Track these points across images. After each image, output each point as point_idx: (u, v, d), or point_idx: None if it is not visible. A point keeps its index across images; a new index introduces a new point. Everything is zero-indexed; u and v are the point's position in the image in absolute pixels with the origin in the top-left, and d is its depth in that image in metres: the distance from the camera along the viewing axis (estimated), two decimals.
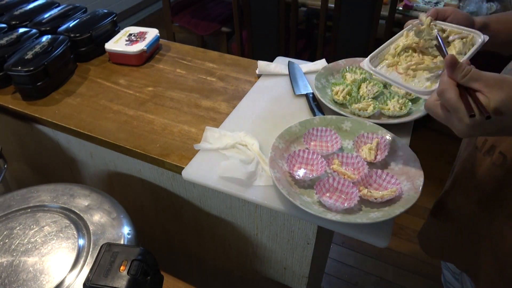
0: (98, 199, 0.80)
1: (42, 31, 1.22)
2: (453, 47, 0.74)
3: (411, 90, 0.71)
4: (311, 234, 0.83)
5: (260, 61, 1.14)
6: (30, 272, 0.66)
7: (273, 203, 0.75)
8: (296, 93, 1.03)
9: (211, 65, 1.21)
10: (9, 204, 0.79)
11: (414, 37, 0.77)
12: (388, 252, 1.78)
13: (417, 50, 0.77)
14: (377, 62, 0.79)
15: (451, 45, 0.75)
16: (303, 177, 0.76)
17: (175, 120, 0.99)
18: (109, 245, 0.65)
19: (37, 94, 1.08)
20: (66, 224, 0.74)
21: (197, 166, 0.83)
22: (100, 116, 1.01)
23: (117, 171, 1.05)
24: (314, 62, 1.14)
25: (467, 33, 0.75)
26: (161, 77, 1.16)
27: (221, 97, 1.07)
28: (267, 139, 0.87)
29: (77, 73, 1.19)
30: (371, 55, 0.78)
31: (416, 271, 1.71)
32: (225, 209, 0.92)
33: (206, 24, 2.58)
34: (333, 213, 0.69)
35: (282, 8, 2.02)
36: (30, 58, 1.05)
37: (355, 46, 2.02)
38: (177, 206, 1.02)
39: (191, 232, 1.08)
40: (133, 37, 1.24)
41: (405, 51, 0.78)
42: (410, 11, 1.93)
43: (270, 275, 1.03)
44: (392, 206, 0.70)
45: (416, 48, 0.77)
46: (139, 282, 0.61)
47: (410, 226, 1.87)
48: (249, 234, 0.94)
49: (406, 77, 0.74)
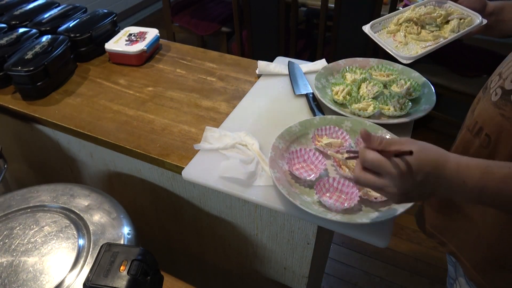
0: (98, 199, 0.80)
1: (42, 31, 1.22)
2: (449, 25, 0.83)
3: (394, 54, 0.81)
4: (311, 234, 0.83)
5: (260, 61, 1.14)
6: (30, 272, 0.66)
7: (273, 203, 0.75)
8: (296, 93, 1.03)
9: (211, 65, 1.21)
10: (9, 204, 0.79)
11: (418, 12, 0.87)
12: (388, 252, 1.78)
13: (418, 23, 0.86)
14: (379, 29, 0.91)
15: (448, 24, 0.84)
16: (303, 176, 0.76)
17: (175, 120, 0.99)
18: (109, 245, 0.65)
19: (37, 94, 1.08)
20: (66, 224, 0.74)
21: (197, 166, 0.83)
22: (100, 116, 1.01)
23: (117, 171, 1.05)
24: (314, 62, 1.14)
25: (467, 15, 0.82)
26: (161, 77, 1.16)
27: (221, 97, 1.07)
28: (267, 139, 0.87)
29: (77, 73, 1.19)
30: (374, 21, 0.89)
31: (416, 271, 1.71)
32: (225, 209, 0.92)
33: (206, 24, 2.58)
34: (333, 213, 0.69)
35: (282, 8, 2.02)
36: (30, 58, 1.05)
37: (355, 46, 2.02)
38: (177, 206, 1.02)
39: (191, 232, 1.07)
40: (133, 37, 1.24)
41: (407, 22, 0.88)
42: None
43: (270, 275, 1.03)
44: (392, 206, 0.70)
45: (417, 22, 0.86)
46: (139, 282, 0.61)
47: (410, 226, 1.87)
48: (249, 234, 0.94)
49: (399, 44, 0.85)
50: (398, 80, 1.00)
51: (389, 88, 0.99)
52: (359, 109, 0.91)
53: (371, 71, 1.05)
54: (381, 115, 0.93)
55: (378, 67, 1.06)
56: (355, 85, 1.00)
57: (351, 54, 1.16)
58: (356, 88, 0.99)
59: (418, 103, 0.95)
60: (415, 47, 0.83)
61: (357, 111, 0.91)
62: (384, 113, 0.92)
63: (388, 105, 0.93)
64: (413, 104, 0.94)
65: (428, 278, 1.68)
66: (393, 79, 1.01)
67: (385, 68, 1.05)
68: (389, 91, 0.98)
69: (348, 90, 0.97)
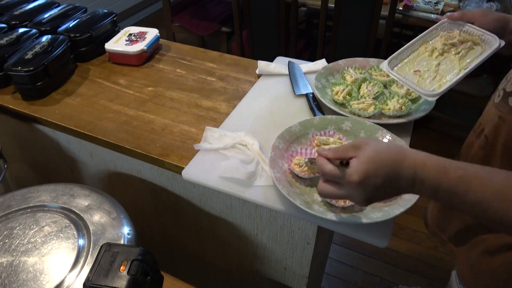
0: (98, 199, 0.80)
1: (42, 31, 1.22)
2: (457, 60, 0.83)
3: (418, 91, 0.80)
4: (311, 234, 0.83)
5: (260, 61, 1.14)
6: (30, 272, 0.66)
7: (273, 203, 0.75)
8: (296, 93, 1.03)
9: (211, 65, 1.21)
10: (9, 204, 0.79)
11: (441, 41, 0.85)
12: (388, 252, 1.78)
13: (439, 52, 0.86)
14: (396, 63, 0.90)
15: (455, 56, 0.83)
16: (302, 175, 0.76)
17: (175, 120, 0.99)
18: (109, 245, 0.65)
19: (37, 94, 1.08)
20: (66, 224, 0.74)
21: (197, 166, 0.83)
22: (100, 116, 1.01)
23: (117, 171, 1.05)
24: (314, 62, 1.14)
25: (480, 39, 0.80)
26: (161, 77, 1.16)
27: (221, 97, 1.07)
28: (267, 139, 0.87)
29: (77, 73, 1.19)
30: (390, 57, 0.89)
31: (416, 271, 1.71)
32: (225, 209, 0.92)
33: (206, 24, 2.58)
34: (333, 213, 0.69)
35: (282, 8, 2.02)
36: (30, 58, 1.05)
37: (355, 46, 2.02)
38: (177, 206, 1.02)
39: (191, 232, 1.07)
40: (133, 37, 1.24)
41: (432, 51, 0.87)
42: (410, 11, 1.93)
43: (270, 275, 1.03)
44: (392, 206, 0.70)
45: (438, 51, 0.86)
46: (139, 282, 0.61)
47: (410, 226, 1.87)
48: (249, 234, 0.94)
49: (420, 79, 0.83)
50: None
51: (389, 88, 0.99)
52: (359, 109, 0.91)
53: (371, 71, 1.05)
54: (381, 115, 0.93)
55: (378, 67, 1.06)
56: (355, 85, 1.00)
57: (351, 54, 1.16)
58: (356, 88, 0.99)
59: (418, 103, 0.95)
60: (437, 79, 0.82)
61: (357, 111, 0.91)
62: (384, 113, 0.92)
63: (388, 105, 0.93)
64: (413, 104, 0.94)
65: (428, 278, 1.68)
66: (393, 79, 1.01)
67: None
68: (389, 91, 0.98)
69: (349, 90, 0.97)
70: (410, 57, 0.89)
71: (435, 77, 0.83)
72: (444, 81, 0.81)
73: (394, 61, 0.89)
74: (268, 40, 2.20)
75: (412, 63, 0.88)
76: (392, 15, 1.87)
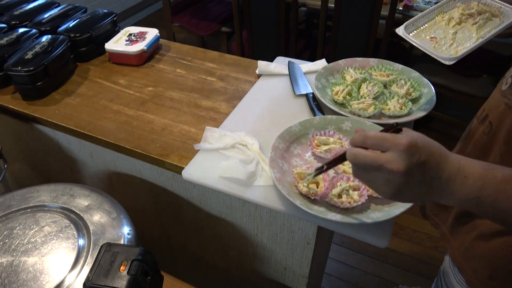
0: (98, 199, 0.80)
1: (42, 31, 1.22)
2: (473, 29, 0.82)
3: (434, 55, 0.78)
4: (311, 234, 0.83)
5: (260, 61, 1.14)
6: (30, 272, 0.66)
7: (273, 203, 0.75)
8: (296, 93, 1.03)
9: (211, 65, 1.21)
10: (9, 204, 0.79)
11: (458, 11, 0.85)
12: (388, 252, 1.78)
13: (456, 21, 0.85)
14: (412, 29, 0.88)
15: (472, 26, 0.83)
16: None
17: (175, 120, 0.99)
18: (109, 245, 0.65)
19: (37, 94, 1.08)
20: (66, 224, 0.74)
21: (197, 166, 0.83)
22: (100, 116, 1.01)
23: (117, 171, 1.05)
24: (314, 62, 1.14)
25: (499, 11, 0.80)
26: (161, 77, 1.16)
27: (221, 97, 1.07)
28: (267, 139, 0.87)
29: (77, 73, 1.19)
30: (406, 22, 0.87)
31: (416, 271, 1.71)
32: (225, 209, 0.92)
33: (206, 24, 2.58)
34: (333, 213, 0.69)
35: (282, 8, 2.02)
36: (30, 58, 1.05)
37: (355, 46, 2.02)
38: (177, 206, 1.02)
39: (191, 232, 1.07)
40: (133, 37, 1.24)
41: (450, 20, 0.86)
42: (410, 11, 1.93)
43: (270, 275, 1.03)
44: (392, 206, 0.70)
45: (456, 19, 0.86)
46: (139, 282, 0.61)
47: (410, 226, 1.87)
48: (249, 234, 0.94)
49: (436, 45, 0.82)
50: (398, 80, 1.00)
51: (389, 88, 0.99)
52: (359, 109, 0.91)
53: (371, 71, 1.05)
54: (381, 115, 0.93)
55: (378, 67, 1.06)
56: (355, 85, 1.00)
57: (351, 54, 1.16)
58: (356, 88, 0.99)
59: (418, 103, 0.95)
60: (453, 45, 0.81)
61: (357, 111, 0.91)
62: (384, 113, 0.92)
63: (388, 105, 0.93)
64: (413, 104, 0.94)
65: (428, 278, 1.68)
66: (393, 79, 1.01)
67: (385, 68, 1.05)
68: (389, 91, 0.98)
69: (349, 90, 0.97)
70: (426, 25, 0.88)
71: (451, 44, 0.82)
72: (460, 48, 0.80)
73: (410, 27, 0.88)
74: (268, 40, 2.20)
75: (428, 30, 0.87)
76: (392, 15, 1.87)
